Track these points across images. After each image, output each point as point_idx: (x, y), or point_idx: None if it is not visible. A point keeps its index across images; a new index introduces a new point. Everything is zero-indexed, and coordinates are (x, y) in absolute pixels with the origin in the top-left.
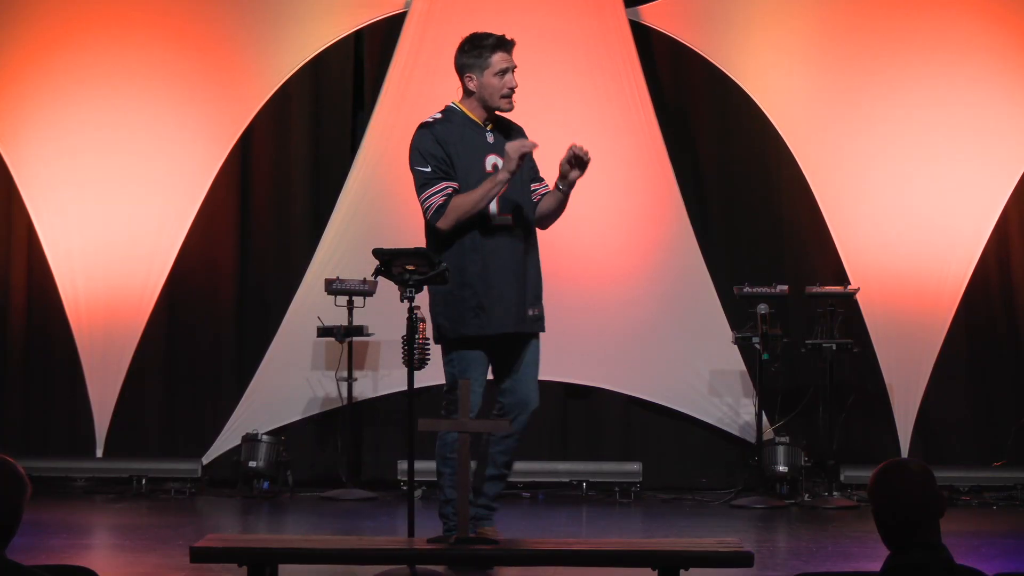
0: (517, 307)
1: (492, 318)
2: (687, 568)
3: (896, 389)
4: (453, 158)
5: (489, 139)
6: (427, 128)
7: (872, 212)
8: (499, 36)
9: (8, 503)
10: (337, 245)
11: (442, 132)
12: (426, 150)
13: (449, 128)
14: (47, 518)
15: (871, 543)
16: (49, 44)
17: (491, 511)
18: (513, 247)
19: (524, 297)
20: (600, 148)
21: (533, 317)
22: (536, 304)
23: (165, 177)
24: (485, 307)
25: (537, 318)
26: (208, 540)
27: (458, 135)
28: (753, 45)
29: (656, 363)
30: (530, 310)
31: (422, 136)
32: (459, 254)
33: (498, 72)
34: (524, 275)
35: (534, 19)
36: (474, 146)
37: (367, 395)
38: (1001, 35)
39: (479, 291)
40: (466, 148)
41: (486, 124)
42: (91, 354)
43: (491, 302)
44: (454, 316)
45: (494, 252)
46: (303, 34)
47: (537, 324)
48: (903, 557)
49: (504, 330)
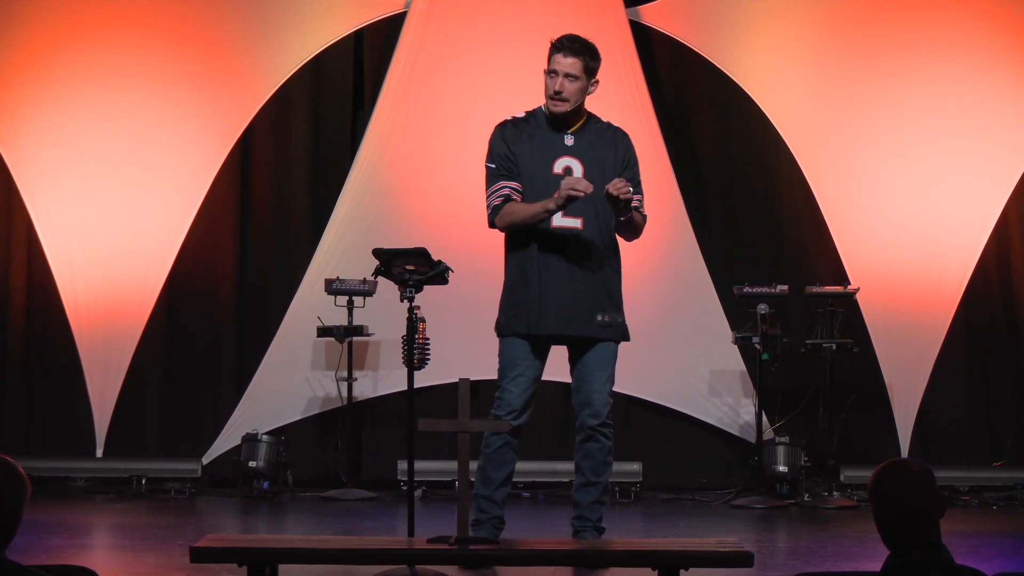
0: (577, 310)
1: (544, 320)
2: (687, 568)
3: (896, 389)
4: (518, 156)
5: (567, 141)
6: (499, 126)
7: (872, 212)
8: (569, 38)
9: (8, 503)
10: (337, 245)
11: (512, 130)
12: (493, 148)
13: (522, 127)
14: (47, 518)
15: (871, 543)
16: (49, 45)
17: (584, 523)
18: (579, 252)
19: (587, 301)
20: None
21: (601, 323)
22: (607, 310)
23: (165, 177)
24: (540, 308)
25: (606, 325)
26: (208, 540)
27: (529, 134)
28: (753, 45)
29: (656, 363)
30: (599, 316)
31: (493, 134)
32: (523, 252)
33: (548, 71)
34: (590, 280)
35: (534, 19)
36: (545, 147)
37: (367, 395)
38: (1001, 35)
39: (535, 291)
40: (535, 148)
41: (568, 127)
42: (91, 354)
43: (547, 304)
44: (511, 313)
45: (557, 254)
46: (303, 34)
47: (606, 331)
48: (903, 557)
49: (557, 332)
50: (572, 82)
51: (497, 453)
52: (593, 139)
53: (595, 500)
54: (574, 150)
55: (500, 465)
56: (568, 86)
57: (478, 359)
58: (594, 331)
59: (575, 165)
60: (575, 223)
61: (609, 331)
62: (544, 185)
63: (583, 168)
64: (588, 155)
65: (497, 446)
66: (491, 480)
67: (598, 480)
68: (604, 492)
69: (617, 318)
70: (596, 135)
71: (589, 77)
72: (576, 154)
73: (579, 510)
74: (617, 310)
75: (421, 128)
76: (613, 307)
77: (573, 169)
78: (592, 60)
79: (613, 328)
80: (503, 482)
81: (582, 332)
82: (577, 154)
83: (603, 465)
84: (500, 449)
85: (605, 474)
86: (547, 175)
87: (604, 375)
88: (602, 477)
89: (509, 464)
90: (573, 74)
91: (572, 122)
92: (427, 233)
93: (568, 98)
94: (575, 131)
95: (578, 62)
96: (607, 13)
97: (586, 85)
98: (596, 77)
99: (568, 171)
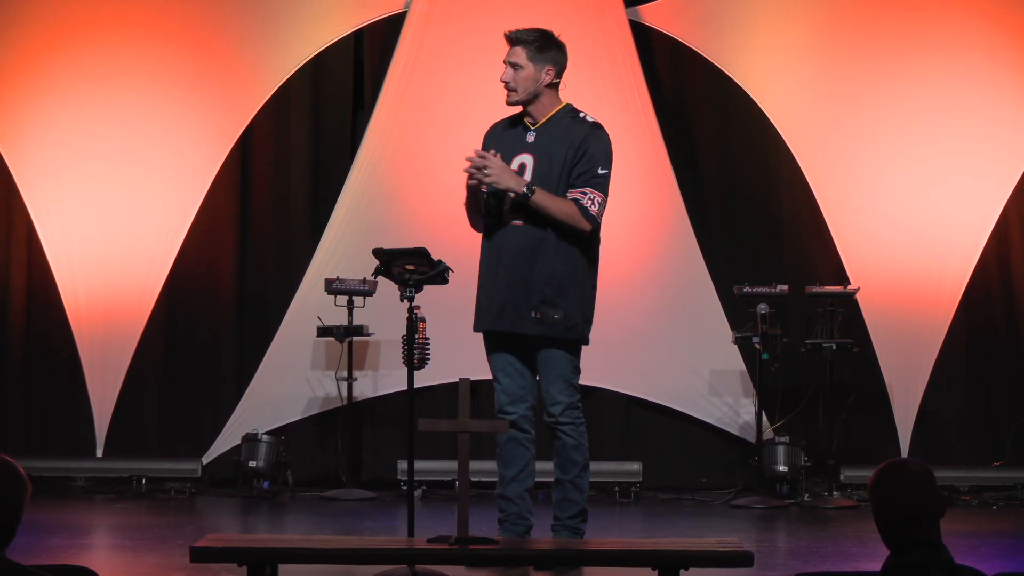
0: (509, 307)
1: (487, 316)
2: (687, 568)
3: (896, 389)
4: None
5: (529, 138)
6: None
7: (872, 212)
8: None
9: (8, 503)
10: (337, 245)
11: (494, 131)
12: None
13: (504, 126)
14: (47, 518)
15: (871, 543)
16: (49, 45)
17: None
18: (518, 249)
19: (520, 299)
20: None
21: (535, 320)
22: (541, 307)
23: (165, 177)
24: (486, 305)
25: (539, 322)
26: (208, 540)
27: (502, 133)
28: (753, 45)
29: (656, 363)
30: (533, 312)
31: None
32: (482, 251)
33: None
34: (526, 278)
35: (534, 19)
36: (509, 144)
37: (367, 395)
38: (1001, 36)
39: (482, 290)
40: (501, 146)
41: (535, 124)
42: (91, 354)
43: (487, 301)
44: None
45: (498, 252)
46: (303, 34)
47: (540, 327)
48: (903, 557)
49: (494, 328)
50: (517, 71)
51: (503, 450)
52: (552, 134)
53: (563, 498)
54: (532, 146)
55: (510, 462)
56: (513, 75)
57: (478, 359)
58: (528, 328)
59: (528, 161)
60: (517, 221)
61: (542, 327)
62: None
63: (534, 164)
64: (542, 151)
65: (502, 442)
66: (503, 478)
67: (563, 477)
68: (574, 490)
69: (553, 315)
70: (557, 130)
71: (539, 65)
72: (533, 150)
73: (552, 508)
74: (555, 307)
75: (421, 128)
76: (550, 304)
77: (526, 166)
78: (539, 49)
79: (547, 325)
80: (514, 478)
81: (515, 329)
82: (534, 150)
83: (568, 462)
84: (506, 445)
85: (572, 471)
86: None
87: (552, 374)
88: (568, 474)
89: (520, 459)
90: (516, 63)
91: (540, 117)
92: (427, 233)
93: (516, 87)
94: (539, 127)
95: (519, 50)
96: (607, 13)
97: (537, 74)
98: (551, 66)
99: (522, 168)
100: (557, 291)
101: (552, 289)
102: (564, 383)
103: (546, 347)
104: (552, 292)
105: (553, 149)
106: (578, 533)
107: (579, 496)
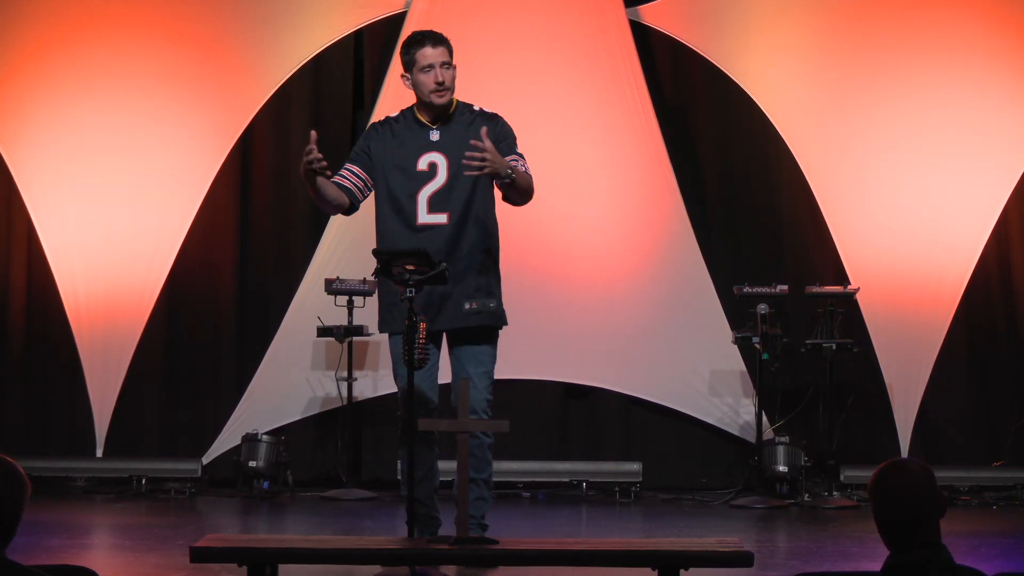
0: (447, 304)
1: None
2: (687, 568)
3: (896, 389)
4: (375, 153)
5: (433, 137)
6: (371, 124)
7: (872, 212)
8: (426, 32)
9: (8, 503)
10: (337, 245)
11: (380, 129)
12: (357, 142)
13: (392, 125)
14: (47, 518)
15: (871, 543)
16: (49, 44)
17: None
18: (447, 248)
19: (455, 294)
20: (600, 148)
21: (470, 311)
22: (475, 298)
23: (165, 177)
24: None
25: (475, 312)
26: (208, 540)
27: (395, 133)
28: (753, 45)
29: (656, 363)
30: (467, 304)
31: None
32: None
33: (423, 68)
34: (458, 274)
35: (534, 19)
36: (410, 144)
37: (367, 395)
38: (1001, 36)
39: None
40: (400, 146)
41: (434, 122)
42: (91, 354)
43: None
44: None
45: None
46: (303, 34)
47: (475, 318)
48: (903, 557)
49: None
50: (449, 69)
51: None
52: (459, 130)
53: (477, 497)
54: (439, 145)
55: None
56: (447, 74)
57: None
58: (463, 320)
59: (440, 160)
60: (441, 219)
61: (478, 317)
62: (410, 181)
63: (448, 162)
64: (453, 148)
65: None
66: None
67: (477, 476)
68: (486, 487)
69: (488, 304)
70: (462, 126)
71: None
72: (442, 148)
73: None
74: (488, 296)
75: None
76: (483, 294)
77: (438, 165)
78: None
79: (483, 314)
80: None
81: (452, 325)
82: (443, 148)
83: (482, 461)
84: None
85: (485, 471)
86: (412, 171)
87: (478, 370)
88: (482, 474)
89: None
90: (447, 61)
91: (439, 116)
92: None
93: (451, 86)
94: (441, 125)
95: (445, 50)
96: (607, 13)
97: (454, 72)
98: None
99: (432, 167)
100: (489, 282)
101: (487, 281)
102: (487, 379)
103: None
104: (488, 284)
105: (464, 145)
106: (485, 529)
107: (489, 494)
